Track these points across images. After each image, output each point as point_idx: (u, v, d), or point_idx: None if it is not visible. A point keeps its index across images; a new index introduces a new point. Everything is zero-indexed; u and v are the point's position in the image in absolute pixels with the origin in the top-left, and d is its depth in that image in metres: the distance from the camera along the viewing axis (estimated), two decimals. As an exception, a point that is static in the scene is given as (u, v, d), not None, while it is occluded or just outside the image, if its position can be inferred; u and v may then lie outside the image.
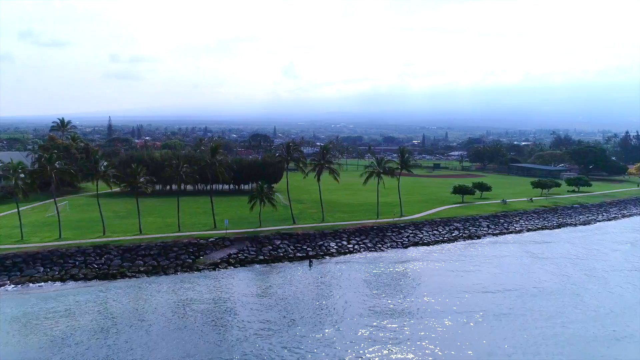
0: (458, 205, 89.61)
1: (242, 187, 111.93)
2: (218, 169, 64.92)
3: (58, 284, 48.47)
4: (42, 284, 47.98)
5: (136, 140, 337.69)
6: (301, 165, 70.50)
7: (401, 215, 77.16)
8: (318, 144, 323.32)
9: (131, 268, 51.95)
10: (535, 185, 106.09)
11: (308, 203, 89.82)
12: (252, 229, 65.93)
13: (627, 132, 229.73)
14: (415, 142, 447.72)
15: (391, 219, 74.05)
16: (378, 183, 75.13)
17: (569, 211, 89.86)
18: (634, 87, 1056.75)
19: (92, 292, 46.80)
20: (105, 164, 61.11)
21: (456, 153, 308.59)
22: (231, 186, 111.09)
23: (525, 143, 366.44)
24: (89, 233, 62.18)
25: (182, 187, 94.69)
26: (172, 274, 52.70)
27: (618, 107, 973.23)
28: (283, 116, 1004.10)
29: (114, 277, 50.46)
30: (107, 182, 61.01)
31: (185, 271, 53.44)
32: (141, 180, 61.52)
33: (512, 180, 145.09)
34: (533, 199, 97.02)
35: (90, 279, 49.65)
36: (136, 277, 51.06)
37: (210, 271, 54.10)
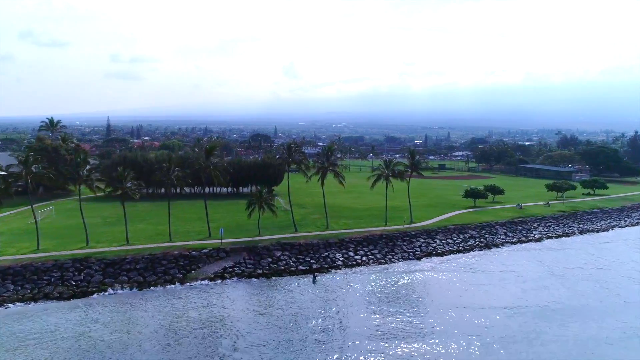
0: (471, 210, 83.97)
1: (241, 190, 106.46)
2: (213, 172, 59.33)
3: (29, 304, 42.85)
4: (10, 305, 42.35)
5: (135, 140, 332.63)
6: (303, 168, 64.82)
7: (411, 222, 71.57)
8: (319, 144, 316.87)
9: (113, 285, 46.33)
10: (551, 188, 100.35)
11: (310, 207, 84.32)
12: (250, 238, 60.38)
13: (636, 132, 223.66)
14: (417, 142, 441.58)
15: (401, 226, 68.45)
16: (387, 187, 69.47)
17: (589, 216, 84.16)
18: (635, 87, 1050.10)
19: (65, 314, 41.19)
20: (88, 167, 55.44)
21: (460, 153, 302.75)
22: (229, 189, 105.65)
23: (530, 143, 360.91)
24: (71, 243, 56.60)
25: (177, 190, 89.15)
26: (160, 286, 47.41)
27: (619, 107, 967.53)
28: (284, 116, 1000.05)
29: (93, 294, 44.87)
30: (90, 187, 55.42)
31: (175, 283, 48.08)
32: (128, 185, 55.85)
33: (521, 182, 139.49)
34: (550, 203, 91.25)
35: (66, 298, 44.05)
36: (118, 294, 45.56)
37: (203, 284, 48.66)
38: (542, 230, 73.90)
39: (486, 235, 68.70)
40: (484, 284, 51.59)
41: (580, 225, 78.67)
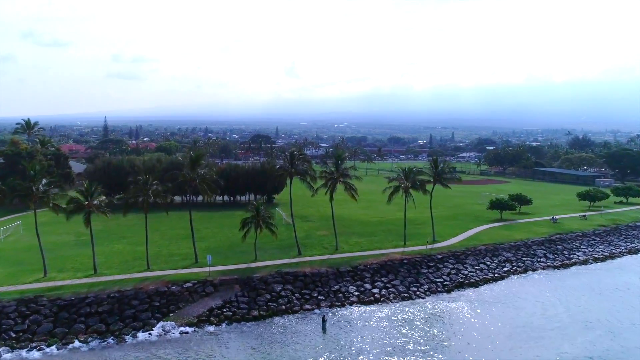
0: (498, 224, 73.61)
1: (238, 199, 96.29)
2: (199, 185, 49.14)
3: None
4: None
5: (134, 141, 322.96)
6: (309, 180, 54.46)
7: (434, 240, 61.35)
8: (322, 144, 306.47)
9: (66, 336, 36.12)
10: (583, 197, 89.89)
11: (316, 220, 74.21)
12: (244, 265, 50.14)
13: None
14: (421, 142, 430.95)
15: (424, 247, 58.18)
16: (406, 201, 59.13)
17: (634, 232, 73.59)
18: (637, 87, 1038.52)
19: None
20: (45, 181, 45.28)
21: (467, 154, 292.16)
22: (225, 197, 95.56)
23: (537, 143, 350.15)
24: (26, 273, 46.48)
25: (168, 200, 78.29)
26: (127, 336, 37.15)
27: (621, 107, 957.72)
28: (285, 116, 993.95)
29: (35, 348, 34.66)
30: (47, 205, 45.25)
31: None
32: (95, 203, 45.64)
33: (542, 188, 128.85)
34: (587, 215, 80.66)
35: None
36: (70, 349, 35.31)
37: (182, 332, 38.48)
38: (586, 251, 63.44)
39: (524, 258, 58.31)
40: (533, 328, 41.28)
41: (628, 244, 68.17)
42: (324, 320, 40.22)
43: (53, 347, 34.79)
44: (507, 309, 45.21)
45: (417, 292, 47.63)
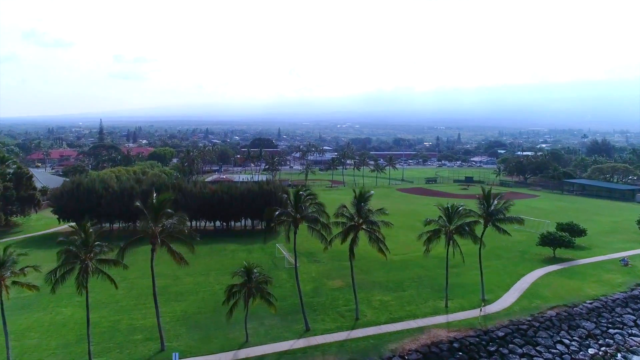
0: (554, 267, 58.55)
1: (232, 225, 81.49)
2: (164, 243, 34.33)
3: None
4: None
5: (130, 144, 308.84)
6: (320, 228, 39.45)
7: (483, 300, 46.57)
8: (325, 147, 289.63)
9: None
10: (644, 225, 74.78)
11: (326, 261, 59.67)
12: (230, 354, 35.43)
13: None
14: (426, 144, 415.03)
15: (475, 313, 43.34)
16: (450, 251, 44.14)
17: None
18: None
19: None
20: None
21: (478, 159, 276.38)
22: (217, 223, 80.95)
23: (547, 145, 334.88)
24: None
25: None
26: None
27: (625, 106, 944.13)
28: (287, 116, 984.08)
29: None
30: None
31: None
32: (7, 275, 30.89)
33: (577, 204, 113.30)
34: (660, 253, 65.51)
35: None
36: None
37: None
38: (684, 313, 48.25)
39: (610, 330, 43.10)
40: None
41: None
42: None
43: None
44: None
45: (481, 403, 32.71)
